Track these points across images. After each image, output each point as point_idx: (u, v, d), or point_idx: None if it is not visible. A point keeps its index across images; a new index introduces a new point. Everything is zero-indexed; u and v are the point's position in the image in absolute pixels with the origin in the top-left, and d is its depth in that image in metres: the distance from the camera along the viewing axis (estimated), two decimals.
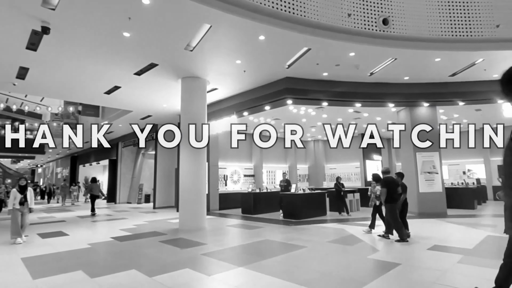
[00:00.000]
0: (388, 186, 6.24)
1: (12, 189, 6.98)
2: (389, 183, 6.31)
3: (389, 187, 6.25)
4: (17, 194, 6.73)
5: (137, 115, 13.66)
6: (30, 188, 7.00)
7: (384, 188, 6.23)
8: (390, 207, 6.22)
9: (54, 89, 9.73)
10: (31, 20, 5.61)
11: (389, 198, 6.22)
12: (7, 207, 6.85)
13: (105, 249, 6.12)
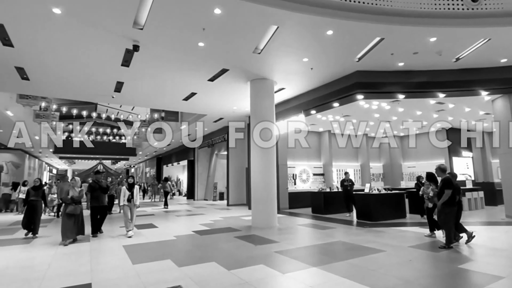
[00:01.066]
0: (451, 187, 5.70)
1: (122, 187, 7.59)
2: (452, 183, 5.74)
3: (453, 188, 5.72)
4: (126, 191, 7.30)
5: (210, 118, 14.65)
6: (136, 186, 7.54)
7: (449, 190, 5.68)
8: (450, 210, 5.73)
9: (142, 98, 11.09)
10: (124, 40, 6.52)
11: (449, 200, 5.71)
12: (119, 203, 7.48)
13: (188, 241, 6.75)
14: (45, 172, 34.27)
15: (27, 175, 23.63)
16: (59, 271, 4.63)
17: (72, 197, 6.70)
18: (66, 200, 6.70)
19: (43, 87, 9.45)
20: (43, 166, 32.57)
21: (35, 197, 7.48)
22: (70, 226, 6.59)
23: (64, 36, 6.27)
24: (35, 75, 8.35)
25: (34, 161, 27.90)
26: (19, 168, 23.11)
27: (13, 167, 22.74)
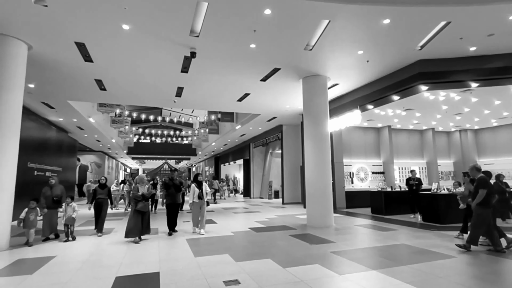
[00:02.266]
0: (486, 187, 5.31)
1: (192, 184, 7.64)
2: (487, 183, 5.37)
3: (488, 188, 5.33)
4: (195, 189, 7.41)
5: (264, 118, 14.87)
6: (205, 184, 7.66)
7: (484, 190, 5.29)
8: (482, 211, 5.30)
9: (200, 101, 11.78)
10: (182, 48, 7.02)
11: (483, 201, 5.29)
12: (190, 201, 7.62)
13: (244, 238, 6.99)
14: (120, 171, 38.51)
15: (106, 174, 26.88)
16: (132, 260, 5.21)
17: (143, 194, 6.79)
18: (137, 197, 6.75)
19: (117, 96, 10.67)
20: (119, 165, 36.63)
21: (102, 195, 7.58)
22: (138, 223, 6.64)
23: (132, 49, 7.00)
24: (110, 85, 9.47)
25: (112, 161, 31.55)
26: (101, 168, 26.39)
27: (96, 167, 26.10)
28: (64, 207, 6.84)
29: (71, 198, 6.95)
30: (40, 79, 8.76)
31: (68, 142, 16.92)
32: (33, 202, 6.51)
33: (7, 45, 6.17)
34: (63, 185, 7.52)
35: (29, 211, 6.43)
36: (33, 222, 6.42)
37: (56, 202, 6.89)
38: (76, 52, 7.04)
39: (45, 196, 6.86)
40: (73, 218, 6.78)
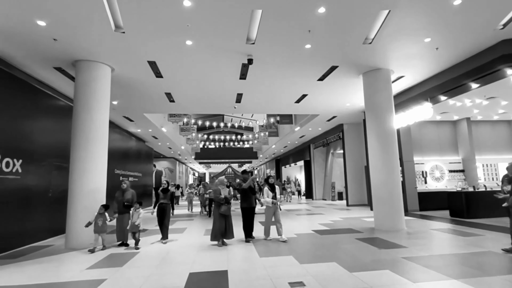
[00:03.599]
0: None
1: (264, 187, 7.23)
2: None
3: None
4: (269, 192, 6.98)
5: (323, 118, 14.54)
6: (276, 186, 7.43)
7: None
8: None
9: (259, 106, 12.08)
10: (240, 56, 7.34)
11: None
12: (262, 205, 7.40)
13: (308, 240, 6.93)
14: (190, 175, 41.48)
15: (178, 178, 29.25)
16: (203, 258, 5.60)
17: (225, 197, 6.61)
18: (220, 200, 6.54)
19: (184, 106, 11.60)
20: (188, 170, 39.51)
21: (164, 200, 7.18)
22: (221, 227, 6.50)
23: (195, 62, 7.57)
24: (178, 97, 10.36)
25: (182, 166, 34.19)
26: (173, 172, 28.85)
27: (169, 172, 28.63)
28: (132, 212, 6.60)
29: (139, 204, 6.66)
30: (121, 97, 10.03)
31: (146, 150, 18.92)
32: (101, 207, 6.45)
33: (95, 70, 7.24)
34: (143, 189, 8.42)
35: (98, 216, 6.36)
36: (102, 227, 6.31)
37: (126, 207, 6.75)
38: (148, 70, 7.90)
39: (117, 201, 6.80)
40: (137, 226, 6.44)
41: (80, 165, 6.81)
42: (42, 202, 7.61)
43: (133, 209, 6.57)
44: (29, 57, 6.92)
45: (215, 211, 6.63)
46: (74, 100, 7.13)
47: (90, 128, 6.99)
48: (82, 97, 7.06)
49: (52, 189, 8.03)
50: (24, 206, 6.96)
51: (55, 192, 8.12)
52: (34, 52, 6.65)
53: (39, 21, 5.44)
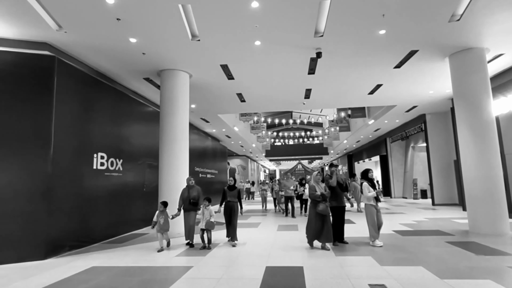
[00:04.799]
0: None
1: (363, 182, 6.16)
2: None
3: None
4: (370, 188, 6.03)
5: (401, 108, 13.34)
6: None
7: None
8: None
9: (328, 100, 11.73)
10: (308, 51, 7.23)
11: None
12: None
13: (389, 241, 6.47)
14: (261, 172, 42.68)
15: (250, 175, 30.39)
16: (279, 253, 5.73)
17: (322, 194, 5.81)
18: (316, 198, 5.81)
19: (254, 105, 11.98)
20: (259, 167, 40.70)
21: (232, 198, 6.56)
22: (318, 228, 5.77)
23: (263, 61, 7.75)
24: (248, 97, 10.76)
25: (254, 163, 35.38)
26: (245, 170, 30.10)
27: (242, 169, 29.96)
28: (202, 210, 6.28)
29: (208, 201, 6.33)
30: (198, 100, 10.89)
31: (220, 149, 20.18)
32: (161, 205, 6.20)
33: (176, 77, 8.01)
34: (220, 186, 8.99)
35: (159, 214, 6.12)
36: (164, 225, 6.07)
37: (193, 204, 6.39)
38: (221, 73, 8.39)
39: (183, 198, 6.44)
40: (212, 223, 6.15)
41: (166, 163, 7.64)
42: (139, 196, 8.79)
43: (202, 207, 6.29)
44: (124, 71, 8.03)
45: (311, 211, 5.92)
46: (160, 106, 8.02)
47: (174, 130, 7.78)
48: (167, 102, 7.89)
49: (146, 184, 9.22)
50: (126, 199, 8.14)
51: (149, 187, 9.30)
52: (127, 66, 7.69)
53: (131, 39, 6.28)
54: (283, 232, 7.90)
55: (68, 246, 6.13)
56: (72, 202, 6.29)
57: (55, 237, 5.81)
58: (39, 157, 5.69)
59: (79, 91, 6.73)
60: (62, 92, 6.12)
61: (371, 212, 5.99)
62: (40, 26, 5.57)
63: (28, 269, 4.97)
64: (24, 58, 5.89)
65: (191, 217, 6.44)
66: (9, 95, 5.68)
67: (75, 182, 6.42)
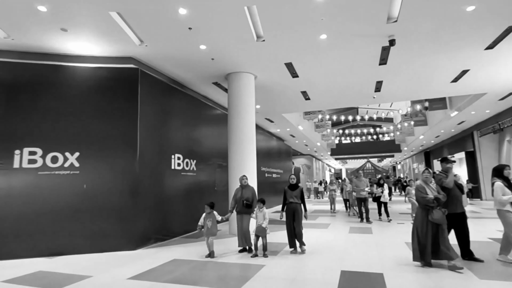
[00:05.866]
0: None
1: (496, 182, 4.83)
2: None
3: None
4: (505, 189, 4.81)
5: (493, 97, 11.50)
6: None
7: None
8: None
9: (402, 92, 10.73)
10: (379, 40, 6.70)
11: None
12: None
13: (485, 250, 5.59)
14: (326, 172, 41.45)
15: (315, 174, 29.76)
16: (353, 256, 5.41)
17: (436, 197, 4.56)
18: (428, 203, 4.57)
19: (319, 102, 11.65)
20: (324, 166, 39.59)
21: (293, 198, 5.75)
22: (432, 241, 4.54)
23: (329, 56, 7.45)
24: (313, 94, 10.49)
25: (318, 163, 34.57)
26: (310, 169, 29.58)
27: (306, 168, 29.52)
28: (256, 213, 5.67)
29: (262, 203, 5.68)
30: (262, 100, 11.03)
31: (285, 149, 20.19)
32: (207, 206, 5.69)
33: (242, 79, 8.23)
34: (286, 185, 8.89)
35: (206, 216, 5.62)
36: (212, 229, 5.54)
37: (246, 206, 5.82)
38: (285, 72, 8.34)
39: (236, 199, 5.91)
40: (263, 229, 5.48)
41: (235, 164, 7.89)
42: (211, 194, 9.27)
43: (256, 209, 5.67)
44: (195, 77, 8.56)
45: (419, 219, 4.69)
46: (228, 108, 8.33)
47: (241, 131, 7.99)
48: (234, 104, 8.16)
49: (216, 183, 9.70)
50: (199, 197, 8.67)
51: (219, 186, 9.76)
52: (198, 72, 8.18)
53: (201, 46, 6.65)
54: (356, 234, 7.47)
55: (154, 239, 6.78)
56: (155, 199, 6.94)
57: (142, 230, 6.47)
58: (127, 160, 6.41)
59: (158, 98, 7.41)
60: (144, 100, 6.81)
61: (509, 220, 4.62)
62: (126, 42, 6.27)
63: (122, 257, 5.62)
64: (114, 72, 6.72)
65: (244, 221, 5.82)
66: (102, 105, 6.52)
67: (157, 181, 7.08)
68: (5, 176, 5.80)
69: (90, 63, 6.72)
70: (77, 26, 5.64)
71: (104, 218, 6.13)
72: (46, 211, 5.90)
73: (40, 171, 5.97)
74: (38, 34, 5.81)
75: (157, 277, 4.43)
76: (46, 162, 6.02)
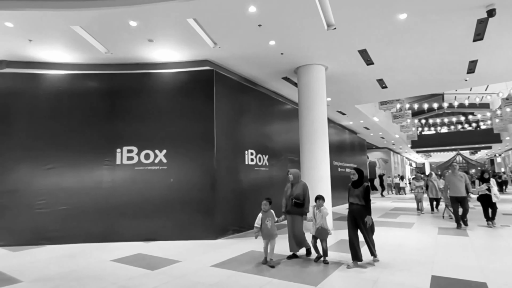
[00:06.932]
0: None
1: None
2: None
3: None
4: None
5: None
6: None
7: None
8: None
9: (501, 72, 9.07)
10: (473, 12, 5.75)
11: None
12: None
13: None
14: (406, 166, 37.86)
15: (393, 169, 27.48)
16: (445, 260, 4.81)
17: None
18: None
19: (397, 90, 10.65)
20: (403, 160, 36.24)
21: (354, 198, 4.67)
22: None
23: (409, 38, 6.71)
24: (390, 82, 9.64)
25: (397, 156, 31.83)
26: (387, 163, 27.44)
27: (383, 163, 27.46)
28: (312, 212, 4.88)
29: (322, 200, 4.87)
30: (334, 93, 10.60)
31: (358, 142, 19.14)
32: (265, 202, 4.84)
33: (312, 72, 8.02)
34: None
35: (263, 216, 4.75)
36: (271, 230, 4.71)
37: (296, 205, 4.99)
38: (359, 60, 7.83)
39: (286, 196, 5.16)
40: (324, 230, 4.72)
41: (307, 158, 7.76)
42: (282, 189, 9.33)
43: (313, 208, 4.89)
44: (265, 74, 8.68)
45: None
46: (299, 102, 8.24)
47: (313, 125, 7.82)
48: (304, 98, 8.02)
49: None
50: (272, 191, 8.81)
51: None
52: (268, 68, 8.27)
53: (271, 42, 6.70)
54: (447, 236, 6.64)
55: (232, 230, 7.18)
56: (231, 193, 7.33)
57: (221, 221, 6.90)
58: (206, 156, 6.89)
59: (231, 97, 7.77)
60: (219, 99, 7.22)
61: None
62: (201, 46, 6.70)
63: (205, 246, 6.09)
64: (192, 75, 7.27)
65: (295, 222, 4.99)
66: (184, 107, 7.13)
67: (232, 176, 7.46)
68: (110, 171, 6.83)
69: (172, 69, 7.40)
70: (160, 36, 6.25)
71: (188, 209, 6.73)
72: (142, 202, 6.75)
73: (136, 167, 6.86)
74: (129, 46, 6.63)
75: (237, 266, 4.65)
76: (140, 159, 6.88)
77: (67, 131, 6.89)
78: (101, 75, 7.24)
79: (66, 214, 6.59)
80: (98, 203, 6.70)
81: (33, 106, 6.92)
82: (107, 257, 5.37)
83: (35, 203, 6.56)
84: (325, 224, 4.79)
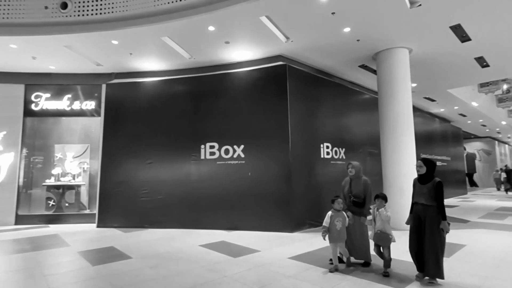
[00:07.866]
0: None
1: None
2: None
3: None
4: None
5: None
6: None
7: None
8: None
9: None
10: None
11: None
12: None
13: None
14: None
15: (499, 161, 23.34)
16: None
17: None
18: None
19: (502, 68, 8.97)
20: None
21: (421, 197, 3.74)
22: None
23: None
24: (493, 59, 8.16)
25: (503, 147, 26.90)
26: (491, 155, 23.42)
27: (485, 154, 23.53)
28: (373, 213, 4.15)
29: (384, 199, 4.08)
30: (420, 78, 9.51)
31: (452, 131, 16.79)
32: (339, 200, 4.29)
33: (394, 56, 7.34)
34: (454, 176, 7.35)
35: (334, 215, 4.19)
36: (341, 233, 4.15)
37: (355, 205, 4.35)
38: (451, 37, 6.84)
39: (343, 194, 4.54)
40: (385, 235, 3.94)
41: (390, 151, 7.19)
42: None
43: (374, 208, 4.14)
44: (340, 63, 8.31)
45: None
46: (378, 91, 7.66)
47: (395, 114, 7.18)
48: (385, 86, 7.42)
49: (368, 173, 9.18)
50: None
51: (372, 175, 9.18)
52: (343, 57, 7.90)
53: (345, 29, 6.38)
54: None
55: (308, 224, 7.17)
56: (307, 187, 7.31)
57: (297, 215, 6.96)
58: (281, 150, 7.01)
59: (305, 90, 7.70)
60: (293, 93, 7.23)
61: None
62: (274, 42, 6.80)
63: (282, 238, 6.24)
64: (265, 72, 7.45)
65: (355, 224, 4.31)
66: (259, 103, 7.38)
67: (307, 170, 7.42)
68: (197, 165, 7.56)
69: (247, 67, 7.71)
70: (236, 37, 6.58)
71: (266, 202, 6.98)
72: (223, 193, 7.29)
73: (218, 161, 7.42)
74: (208, 49, 7.15)
75: (314, 261, 4.64)
76: (221, 154, 7.42)
77: (162, 131, 7.88)
78: (186, 79, 8.03)
79: (163, 203, 7.59)
80: (188, 193, 7.50)
81: (135, 110, 8.13)
82: (196, 242, 6.00)
83: (140, 193, 7.74)
84: (387, 228, 3.95)
